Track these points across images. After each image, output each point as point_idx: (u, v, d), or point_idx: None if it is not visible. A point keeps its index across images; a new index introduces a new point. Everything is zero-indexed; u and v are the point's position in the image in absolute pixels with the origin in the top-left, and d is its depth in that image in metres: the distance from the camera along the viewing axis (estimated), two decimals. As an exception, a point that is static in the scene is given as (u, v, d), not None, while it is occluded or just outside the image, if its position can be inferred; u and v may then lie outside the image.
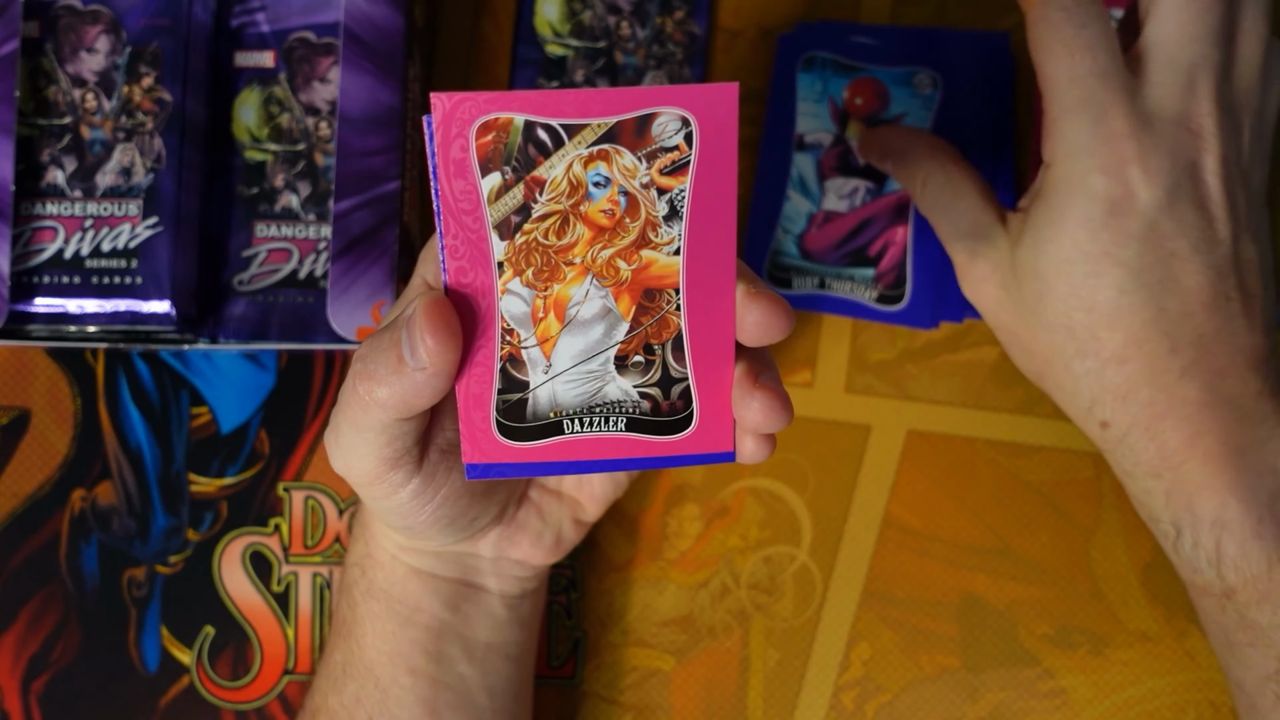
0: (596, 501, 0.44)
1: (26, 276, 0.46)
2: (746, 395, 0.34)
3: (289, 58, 0.49)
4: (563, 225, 0.33)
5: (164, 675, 0.50)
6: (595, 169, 0.32)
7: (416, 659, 0.42)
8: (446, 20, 0.52)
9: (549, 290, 0.33)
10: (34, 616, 0.50)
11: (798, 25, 0.51)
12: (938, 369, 0.51)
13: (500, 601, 0.44)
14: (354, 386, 0.34)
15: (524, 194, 0.32)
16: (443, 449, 0.37)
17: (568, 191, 0.32)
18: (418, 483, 0.36)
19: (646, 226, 0.33)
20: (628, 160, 0.32)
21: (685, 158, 0.32)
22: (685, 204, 0.32)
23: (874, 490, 0.51)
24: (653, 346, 0.34)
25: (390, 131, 0.47)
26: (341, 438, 0.36)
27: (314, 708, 0.44)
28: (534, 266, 0.33)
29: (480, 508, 0.40)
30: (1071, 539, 0.50)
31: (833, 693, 0.50)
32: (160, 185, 0.46)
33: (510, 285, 0.33)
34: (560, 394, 0.34)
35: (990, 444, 0.51)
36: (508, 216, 0.32)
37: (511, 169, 0.32)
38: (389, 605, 0.42)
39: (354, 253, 0.46)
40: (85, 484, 0.50)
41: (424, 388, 0.33)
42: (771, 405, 0.34)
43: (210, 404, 0.51)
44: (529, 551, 0.43)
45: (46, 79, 0.47)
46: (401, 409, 0.34)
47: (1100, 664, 0.50)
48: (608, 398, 0.35)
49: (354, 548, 0.44)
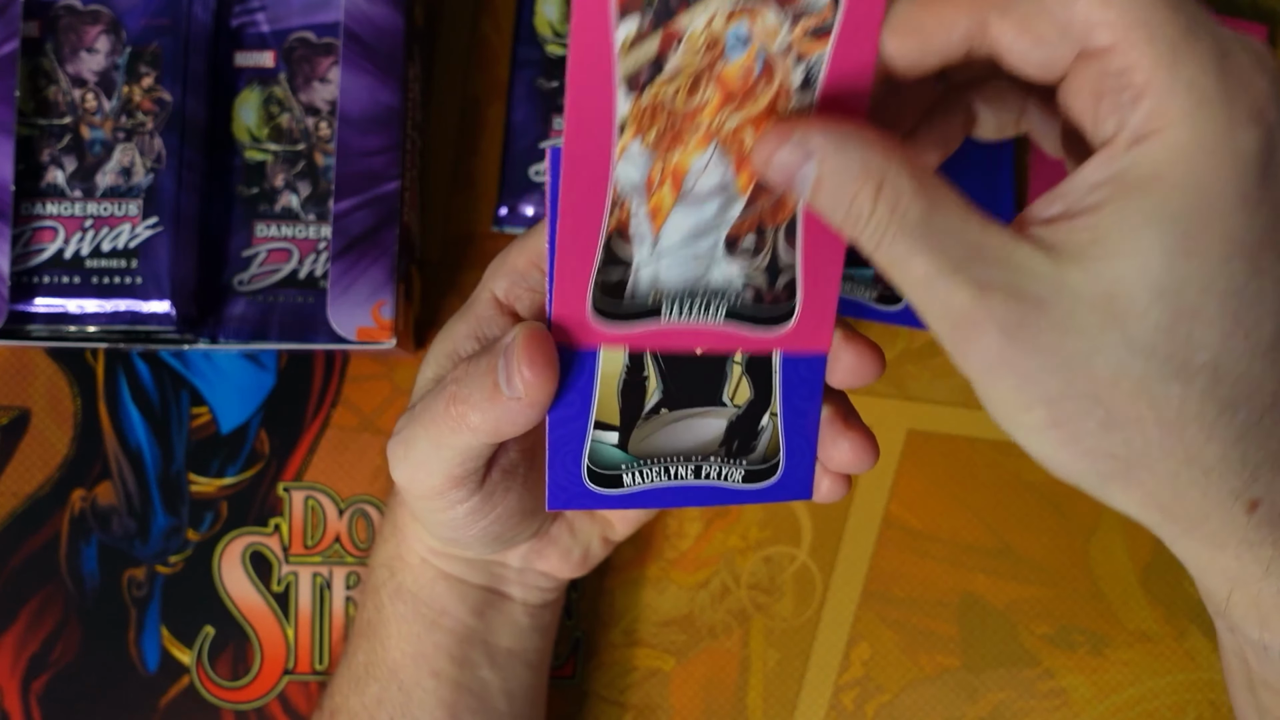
0: (627, 522, 0.44)
1: (26, 276, 0.46)
2: (838, 436, 0.34)
3: (289, 58, 0.49)
4: (694, 85, 0.30)
5: (164, 675, 0.50)
6: (737, 25, 0.29)
7: (440, 662, 0.42)
8: (446, 20, 0.52)
9: (669, 156, 0.30)
10: (34, 616, 0.50)
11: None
12: (938, 369, 0.51)
13: (523, 610, 0.44)
14: (446, 408, 0.34)
15: (659, 45, 0.29)
16: (505, 469, 0.37)
17: (705, 48, 0.29)
18: (477, 500, 0.36)
19: (779, 94, 0.30)
20: (771, 19, 0.29)
21: (828, 22, 0.29)
22: (821, 73, 0.30)
23: (874, 490, 0.50)
24: (765, 229, 0.32)
25: (390, 131, 0.47)
26: (414, 451, 0.35)
27: (333, 707, 0.44)
28: (658, 128, 0.30)
29: (528, 525, 0.40)
30: (1071, 539, 0.50)
31: (833, 693, 0.50)
32: (160, 185, 0.46)
33: (630, 147, 0.30)
34: (664, 274, 0.32)
35: (990, 444, 0.50)
36: (639, 69, 0.29)
37: (652, 15, 0.28)
38: (416, 608, 0.42)
39: (354, 253, 0.46)
40: (85, 484, 0.50)
41: (518, 416, 0.33)
42: (862, 447, 0.34)
43: (210, 404, 0.51)
44: (556, 565, 0.43)
45: (46, 79, 0.47)
46: (493, 435, 0.34)
47: (1100, 664, 0.50)
48: (711, 284, 0.33)
49: (382, 548, 0.44)
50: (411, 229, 0.49)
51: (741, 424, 0.35)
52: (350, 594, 0.50)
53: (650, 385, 0.34)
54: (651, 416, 0.35)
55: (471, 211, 0.51)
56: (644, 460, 0.35)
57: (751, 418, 0.35)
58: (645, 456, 0.35)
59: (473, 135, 0.52)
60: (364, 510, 0.50)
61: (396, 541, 0.43)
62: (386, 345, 0.46)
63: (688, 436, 0.35)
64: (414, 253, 0.50)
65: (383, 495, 0.51)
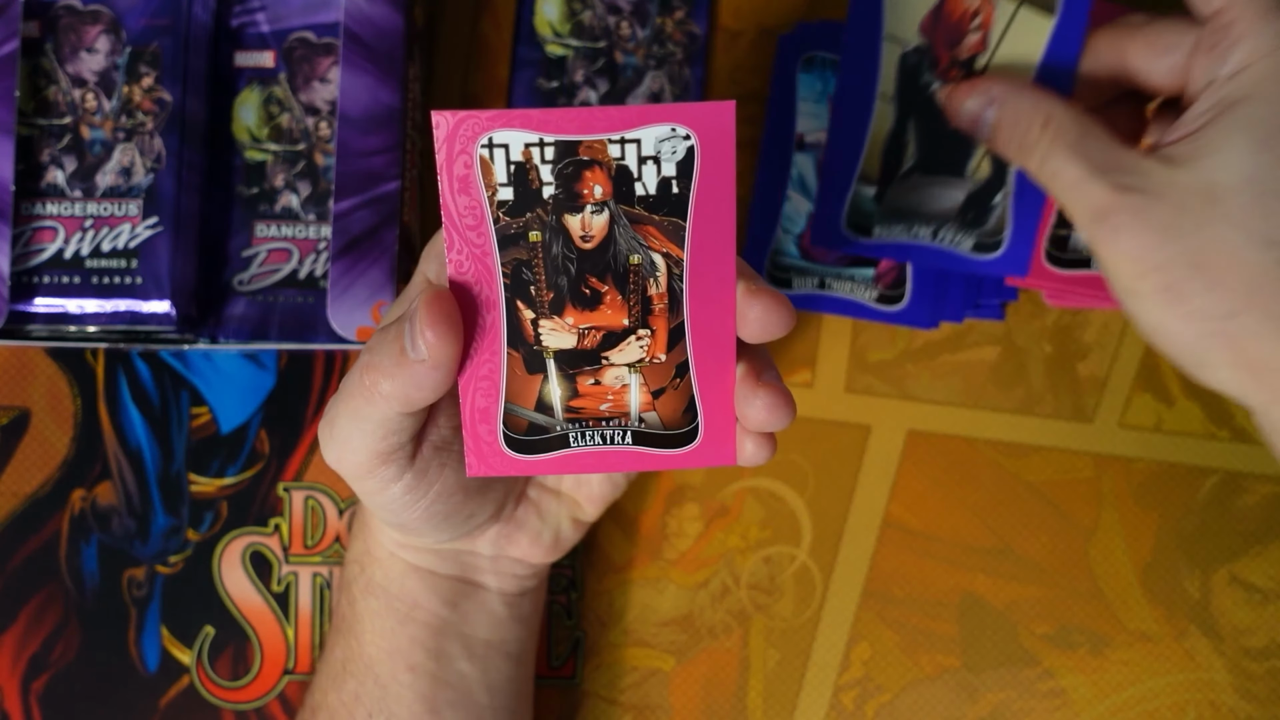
0: (595, 502, 0.44)
1: (26, 276, 0.46)
2: (749, 394, 0.34)
3: (289, 58, 0.49)
4: None
5: (164, 675, 0.50)
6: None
7: (416, 656, 0.42)
8: (446, 20, 0.52)
9: None
10: (34, 617, 0.50)
11: (798, 25, 0.51)
12: (938, 369, 0.51)
13: (499, 599, 0.44)
14: (360, 378, 0.34)
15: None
16: (436, 445, 0.37)
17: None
18: (410, 478, 0.36)
19: None
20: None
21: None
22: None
23: (874, 490, 0.50)
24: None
25: (390, 131, 0.47)
26: (337, 429, 0.36)
27: (314, 705, 0.44)
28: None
29: (475, 505, 0.40)
30: (1071, 539, 0.50)
31: (833, 693, 0.50)
32: (160, 185, 0.46)
33: None
34: None
35: (990, 444, 0.51)
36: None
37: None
38: (388, 602, 0.42)
39: (354, 253, 0.46)
40: (85, 484, 0.50)
41: (424, 380, 0.33)
42: (775, 403, 0.34)
43: (210, 404, 0.51)
44: (528, 550, 0.43)
45: (46, 79, 0.47)
46: (404, 402, 0.34)
47: (1100, 664, 0.50)
48: None
49: (353, 545, 0.44)
50: (411, 229, 0.49)
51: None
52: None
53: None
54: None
55: (471, 211, 0.51)
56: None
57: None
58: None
59: (473, 135, 0.52)
60: (364, 510, 0.51)
61: (365, 537, 0.43)
62: (386, 345, 0.46)
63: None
64: (414, 253, 0.50)
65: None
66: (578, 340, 0.35)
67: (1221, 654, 0.50)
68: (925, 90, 0.44)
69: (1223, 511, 0.50)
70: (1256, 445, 0.50)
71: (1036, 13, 0.43)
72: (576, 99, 0.50)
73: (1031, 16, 0.43)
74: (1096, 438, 0.50)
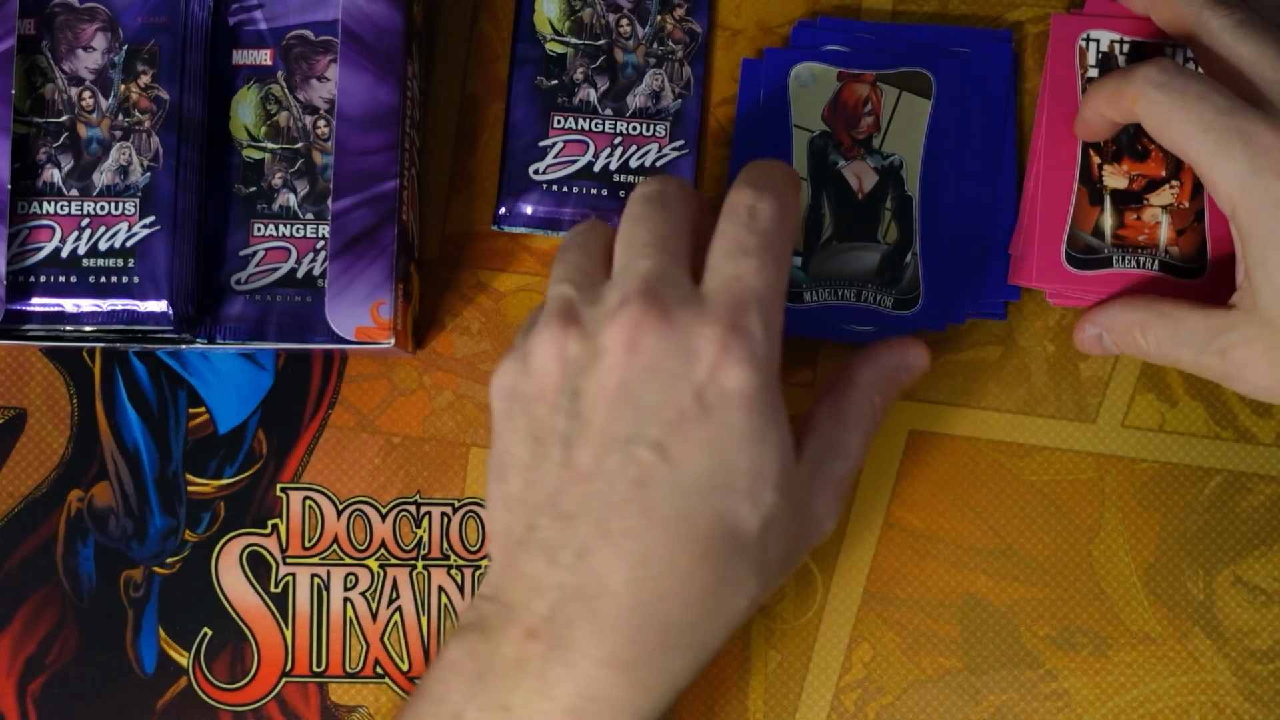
0: None
1: (23, 275, 0.46)
2: None
3: (287, 56, 0.48)
4: None
5: (161, 677, 0.50)
6: None
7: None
8: (445, 18, 0.52)
9: None
10: (30, 618, 0.50)
11: (798, 24, 0.51)
12: (938, 369, 0.50)
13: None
14: None
15: None
16: None
17: None
18: None
19: None
20: None
21: None
22: None
23: (875, 490, 0.50)
24: None
25: (389, 130, 0.47)
26: None
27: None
28: None
29: None
30: (1074, 540, 0.50)
31: (834, 694, 0.50)
32: (157, 184, 0.46)
33: None
34: None
35: (992, 444, 0.50)
36: None
37: None
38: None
39: (352, 252, 0.46)
40: (82, 485, 0.50)
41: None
42: None
43: (208, 404, 0.50)
44: None
45: (43, 77, 0.46)
46: None
47: (1103, 665, 0.49)
48: None
49: (477, 693, 0.39)
50: (410, 228, 0.49)
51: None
52: (349, 595, 0.50)
53: None
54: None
55: (470, 210, 0.51)
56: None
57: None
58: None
59: (471, 134, 0.52)
60: (362, 511, 0.50)
61: (508, 694, 0.38)
62: (385, 345, 0.46)
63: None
64: (413, 252, 0.49)
65: (381, 495, 0.50)
66: (1129, 183, 0.48)
67: (1225, 656, 0.49)
68: (834, 168, 0.50)
69: (1226, 512, 0.50)
70: (1260, 446, 0.50)
71: (917, 97, 0.50)
72: (576, 97, 0.50)
73: (913, 100, 0.50)
74: (1099, 438, 0.50)
